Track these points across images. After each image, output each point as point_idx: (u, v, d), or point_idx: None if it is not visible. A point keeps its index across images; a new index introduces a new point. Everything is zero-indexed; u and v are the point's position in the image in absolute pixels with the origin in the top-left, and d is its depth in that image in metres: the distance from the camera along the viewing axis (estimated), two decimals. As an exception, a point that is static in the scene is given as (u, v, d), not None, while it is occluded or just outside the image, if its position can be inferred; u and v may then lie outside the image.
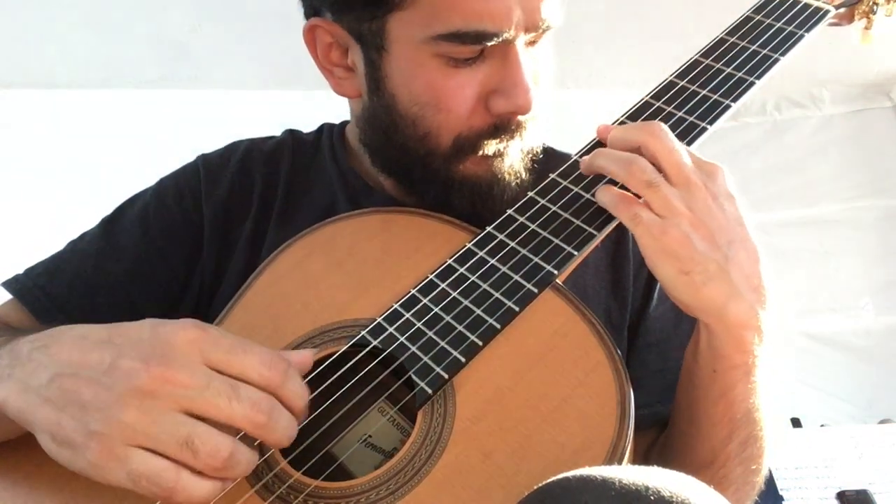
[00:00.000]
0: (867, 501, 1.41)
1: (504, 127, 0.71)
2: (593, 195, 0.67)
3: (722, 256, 0.59)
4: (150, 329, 0.51)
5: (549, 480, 0.46)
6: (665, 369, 0.77)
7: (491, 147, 0.72)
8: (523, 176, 0.75)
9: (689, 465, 0.66)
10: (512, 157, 0.74)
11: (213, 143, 0.91)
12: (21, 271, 0.79)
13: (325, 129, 0.90)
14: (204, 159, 0.86)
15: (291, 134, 0.90)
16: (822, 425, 1.76)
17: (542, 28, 0.69)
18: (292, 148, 0.87)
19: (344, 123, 0.89)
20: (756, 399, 0.64)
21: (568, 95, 2.27)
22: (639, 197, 0.61)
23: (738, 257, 0.60)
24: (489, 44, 0.66)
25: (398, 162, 0.76)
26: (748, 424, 0.64)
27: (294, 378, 0.53)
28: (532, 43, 0.71)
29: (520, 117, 0.71)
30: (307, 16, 0.76)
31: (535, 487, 0.46)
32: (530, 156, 0.76)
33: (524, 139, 0.74)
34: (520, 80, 0.68)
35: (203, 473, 0.49)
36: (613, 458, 0.52)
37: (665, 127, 0.63)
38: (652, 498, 0.43)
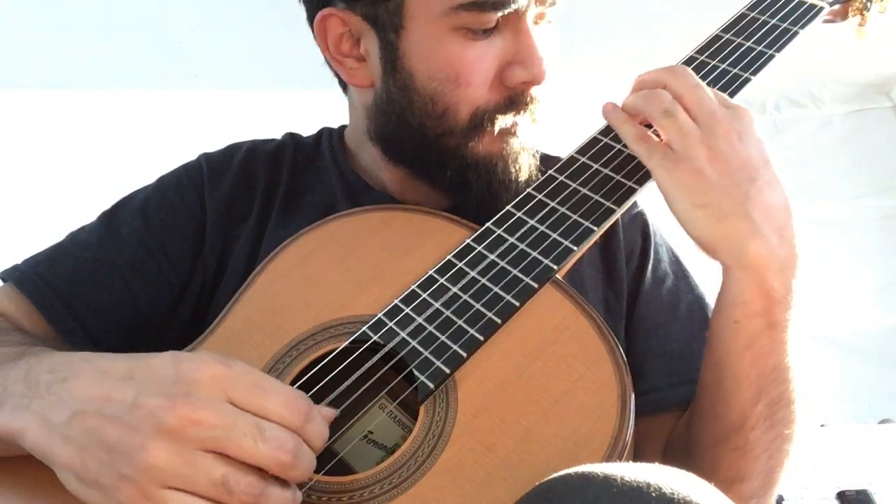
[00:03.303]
0: (867, 501, 1.42)
1: (518, 100, 0.73)
2: (591, 190, 0.67)
3: (741, 193, 0.59)
4: (172, 364, 0.50)
5: (550, 477, 0.46)
6: (669, 352, 0.77)
7: (506, 120, 0.73)
8: (534, 156, 0.76)
9: (717, 431, 0.65)
10: (524, 134, 0.75)
11: (213, 142, 0.91)
12: (20, 261, 0.79)
13: (325, 133, 0.91)
14: (207, 157, 0.86)
15: (292, 136, 0.91)
16: (822, 425, 1.76)
17: (550, 3, 0.71)
18: (293, 149, 0.88)
19: (342, 127, 0.90)
20: (787, 359, 0.62)
21: (567, 93, 2.27)
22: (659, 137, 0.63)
23: (761, 197, 0.59)
24: (506, 11, 0.68)
25: (413, 146, 0.76)
26: (778, 384, 0.62)
27: (315, 419, 0.52)
28: (538, 20, 0.73)
29: (532, 91, 0.73)
30: (311, 12, 0.76)
31: (537, 484, 0.46)
32: (536, 152, 0.78)
33: (534, 115, 0.75)
34: (534, 50, 0.70)
35: None
36: (615, 450, 0.53)
37: (688, 69, 0.65)
38: (653, 495, 0.43)
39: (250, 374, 0.51)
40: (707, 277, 0.85)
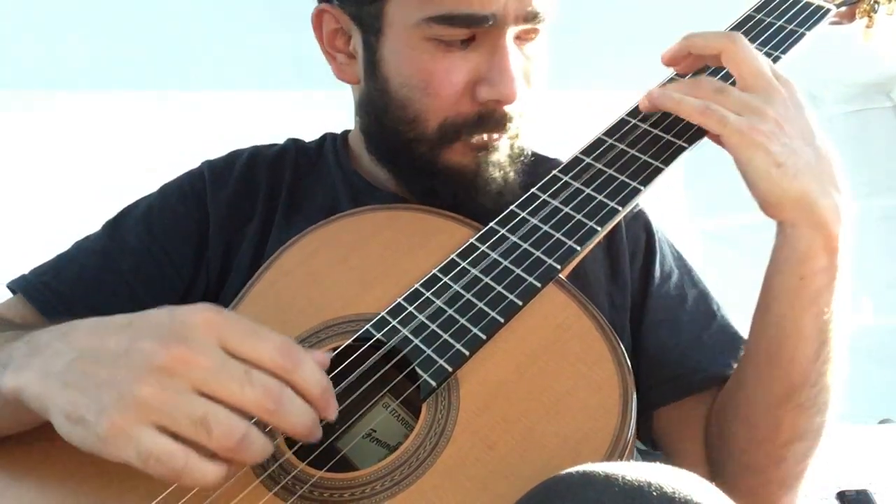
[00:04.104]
0: (867, 501, 1.41)
1: (488, 117, 0.73)
2: (595, 190, 0.67)
3: (810, 153, 0.62)
4: (167, 313, 0.52)
5: (552, 476, 0.46)
6: (679, 343, 0.78)
7: (475, 137, 0.74)
8: (510, 173, 0.76)
9: (778, 391, 0.65)
10: (500, 152, 0.75)
11: (213, 143, 0.91)
12: (27, 272, 0.80)
13: (328, 137, 0.92)
14: (209, 164, 0.87)
15: (294, 141, 0.92)
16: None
17: (533, 21, 0.71)
18: (295, 153, 0.89)
19: (346, 132, 0.91)
20: (835, 313, 0.64)
21: (567, 96, 2.27)
22: None
23: (822, 156, 0.63)
24: (479, 28, 0.68)
25: (389, 148, 0.78)
26: (831, 340, 0.64)
27: (308, 366, 0.52)
28: (524, 40, 0.73)
29: (505, 108, 0.73)
30: (319, 2, 0.79)
31: (539, 483, 0.46)
32: (521, 158, 0.78)
33: (512, 135, 0.75)
34: (505, 69, 0.70)
35: (215, 455, 0.48)
36: (616, 449, 0.53)
37: (742, 36, 0.66)
38: (654, 494, 0.43)
39: (242, 321, 0.52)
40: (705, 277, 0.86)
